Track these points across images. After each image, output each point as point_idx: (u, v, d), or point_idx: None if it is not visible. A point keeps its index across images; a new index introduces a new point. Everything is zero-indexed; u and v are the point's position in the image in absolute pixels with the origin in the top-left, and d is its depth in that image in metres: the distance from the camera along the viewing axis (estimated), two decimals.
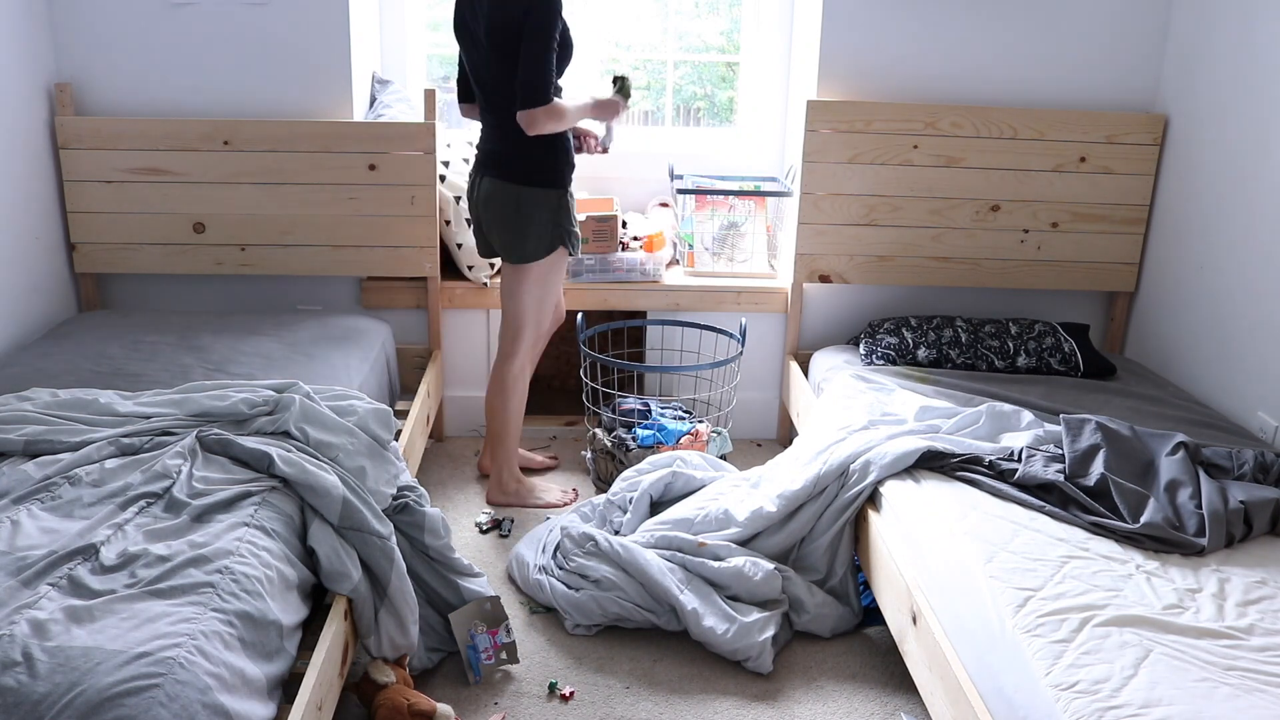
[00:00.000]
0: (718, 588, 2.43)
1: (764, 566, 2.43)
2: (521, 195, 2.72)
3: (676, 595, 2.37)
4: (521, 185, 2.71)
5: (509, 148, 2.71)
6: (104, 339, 2.79)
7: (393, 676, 2.04)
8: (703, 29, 3.82)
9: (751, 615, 2.36)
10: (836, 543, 2.49)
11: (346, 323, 3.09)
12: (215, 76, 3.14)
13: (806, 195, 3.28)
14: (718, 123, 3.91)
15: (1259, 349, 2.81)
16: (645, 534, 2.57)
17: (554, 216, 2.75)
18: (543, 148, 2.70)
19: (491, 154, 2.76)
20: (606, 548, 2.48)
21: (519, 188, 2.71)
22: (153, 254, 3.18)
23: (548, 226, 2.75)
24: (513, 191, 2.72)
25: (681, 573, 2.44)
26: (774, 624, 2.37)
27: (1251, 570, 2.00)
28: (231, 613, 1.62)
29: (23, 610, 1.53)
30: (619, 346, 3.69)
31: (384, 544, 2.03)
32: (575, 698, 2.22)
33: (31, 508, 1.85)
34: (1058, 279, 3.41)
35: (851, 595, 2.51)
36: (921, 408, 2.65)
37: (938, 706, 1.92)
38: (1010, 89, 3.31)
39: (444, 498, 3.08)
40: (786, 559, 2.55)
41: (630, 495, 2.74)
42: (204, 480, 1.98)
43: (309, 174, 3.14)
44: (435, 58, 3.77)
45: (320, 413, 2.24)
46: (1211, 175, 3.06)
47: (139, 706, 1.37)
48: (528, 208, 2.72)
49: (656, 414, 3.24)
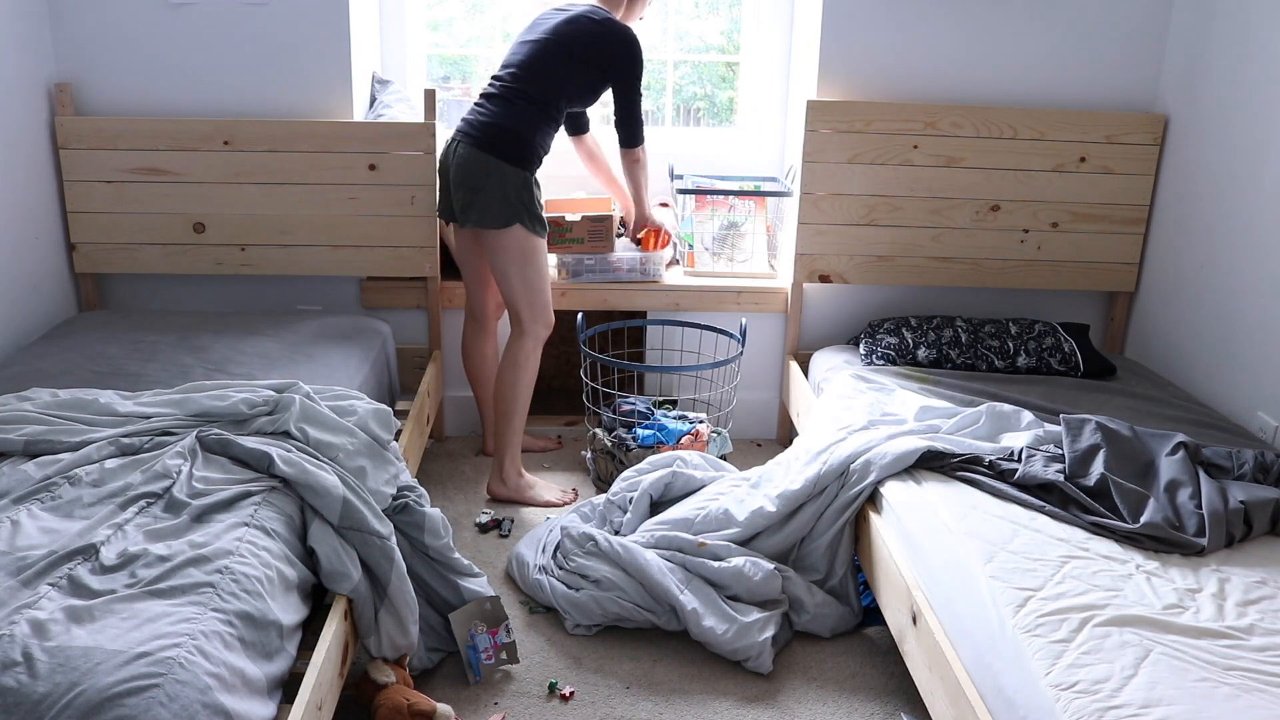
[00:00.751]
0: (718, 588, 2.43)
1: (764, 566, 2.43)
2: (490, 164, 2.84)
3: (676, 595, 2.37)
4: (494, 157, 2.84)
5: (499, 125, 2.86)
6: (104, 339, 2.79)
7: (393, 676, 2.04)
8: (703, 29, 3.82)
9: (751, 615, 2.36)
10: (836, 543, 2.49)
11: (346, 323, 3.09)
12: (215, 76, 3.14)
13: (806, 195, 3.28)
14: (718, 123, 3.91)
15: (1259, 349, 2.81)
16: (645, 534, 2.57)
17: (517, 193, 2.86)
18: (527, 133, 2.87)
19: (481, 125, 2.88)
20: (606, 548, 2.48)
21: (491, 158, 2.84)
22: (153, 254, 3.18)
23: (508, 199, 2.86)
24: (486, 160, 2.85)
25: (681, 573, 2.44)
26: (774, 624, 2.37)
27: (1251, 570, 2.00)
28: (231, 613, 1.62)
29: (23, 610, 1.53)
30: (619, 346, 3.69)
31: (384, 544, 2.03)
32: (575, 698, 2.22)
33: (31, 508, 1.85)
34: (1058, 279, 3.41)
35: (851, 595, 2.51)
36: (921, 408, 2.65)
37: (938, 706, 1.92)
38: (1010, 89, 3.31)
39: (444, 498, 3.08)
40: (786, 559, 2.55)
41: (630, 495, 2.74)
42: (204, 480, 1.98)
43: (309, 174, 3.14)
44: (435, 58, 3.77)
45: (320, 413, 2.24)
46: (1211, 175, 3.06)
47: (139, 706, 1.37)
48: (494, 177, 2.85)
49: (657, 415, 3.24)
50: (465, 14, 3.73)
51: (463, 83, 3.86)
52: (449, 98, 3.79)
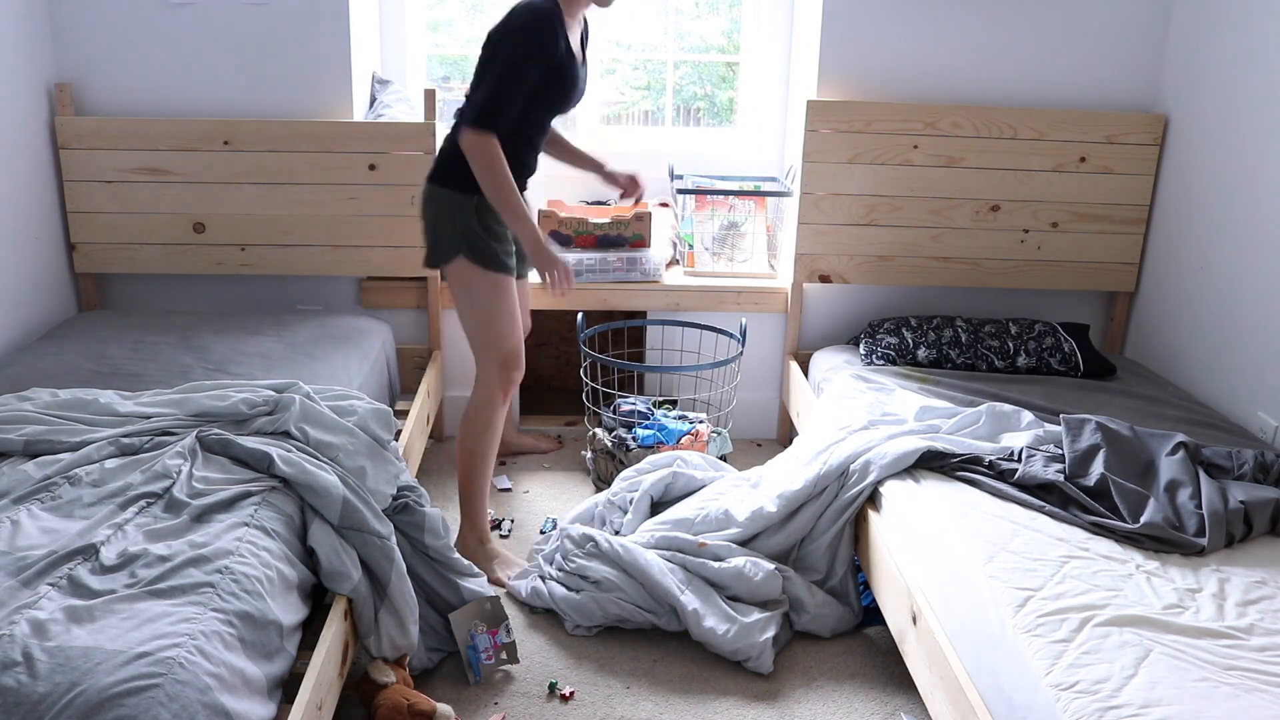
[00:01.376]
0: (718, 588, 2.43)
1: (764, 567, 2.43)
2: (430, 193, 2.55)
3: (677, 596, 2.37)
4: (435, 185, 2.54)
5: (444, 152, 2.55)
6: (104, 339, 2.79)
7: (393, 676, 2.04)
8: (703, 29, 3.82)
9: (752, 615, 2.36)
10: (837, 542, 2.49)
11: (346, 323, 3.09)
12: (215, 76, 3.14)
13: (806, 195, 3.28)
14: (718, 123, 3.91)
15: (1259, 349, 2.81)
16: (645, 534, 2.57)
17: (455, 222, 2.51)
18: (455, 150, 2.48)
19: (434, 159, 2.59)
20: (607, 548, 2.48)
21: (433, 186, 2.54)
22: (153, 254, 3.18)
23: (447, 230, 2.53)
24: (429, 190, 2.56)
25: (682, 573, 2.44)
26: (774, 624, 2.37)
27: (1251, 570, 2.00)
28: (231, 613, 1.62)
29: (23, 610, 1.53)
30: (619, 346, 3.69)
31: (384, 544, 2.03)
32: (575, 698, 2.22)
33: (31, 508, 1.85)
34: (1058, 279, 3.41)
35: (852, 595, 2.51)
36: (921, 408, 2.65)
37: (938, 706, 1.92)
38: (1010, 89, 3.31)
39: (444, 498, 3.08)
40: (787, 559, 2.55)
41: (631, 496, 2.74)
42: (204, 480, 1.98)
43: (309, 174, 3.14)
44: (435, 58, 3.77)
45: (320, 413, 2.24)
46: (1211, 175, 3.06)
47: (139, 706, 1.37)
48: (433, 207, 2.55)
49: (657, 415, 3.24)
50: (465, 14, 3.72)
51: (462, 83, 3.86)
52: (449, 98, 3.79)
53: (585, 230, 3.33)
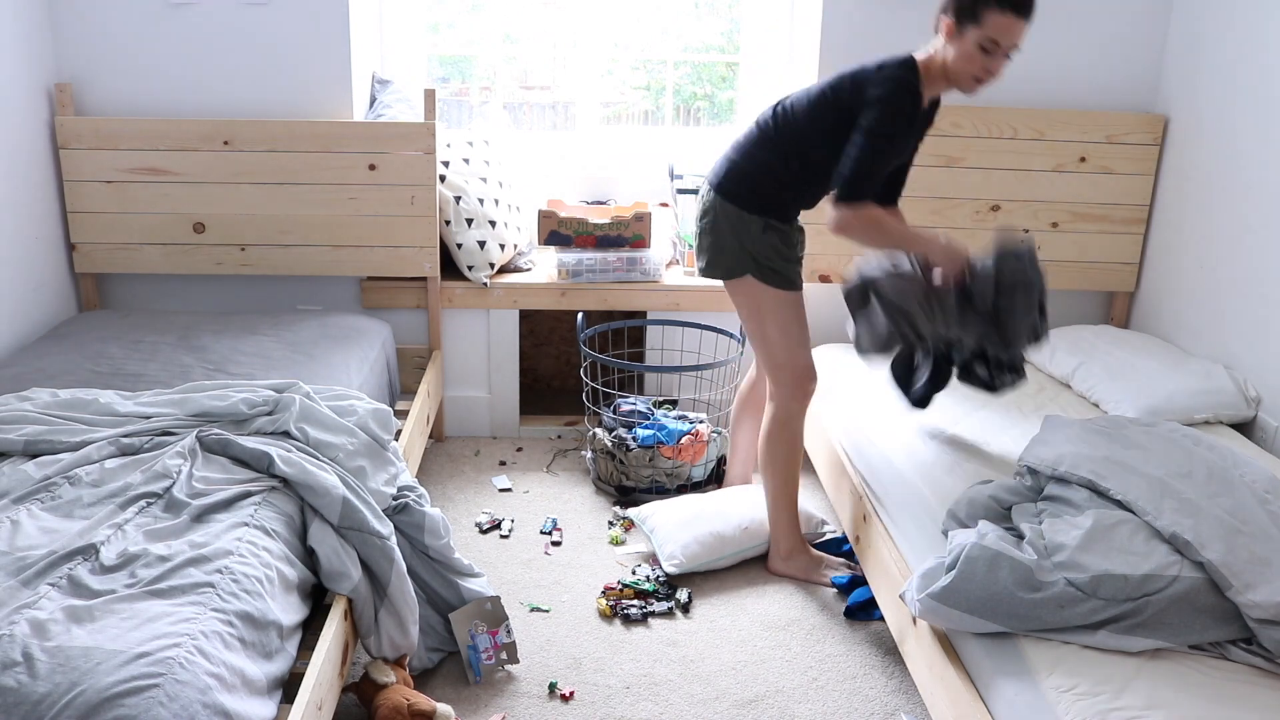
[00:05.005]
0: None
1: None
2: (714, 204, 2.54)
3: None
4: (722, 198, 2.53)
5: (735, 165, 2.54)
6: (104, 339, 2.79)
7: (393, 676, 2.04)
8: (703, 29, 3.82)
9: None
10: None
11: (346, 323, 3.09)
12: (215, 76, 3.14)
13: None
14: (718, 123, 3.91)
15: (1259, 349, 2.81)
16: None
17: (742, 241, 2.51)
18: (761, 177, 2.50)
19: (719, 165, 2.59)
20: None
21: (719, 198, 2.53)
22: (153, 254, 3.18)
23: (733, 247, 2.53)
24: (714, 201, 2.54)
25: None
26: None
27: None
28: (231, 613, 1.62)
29: (23, 610, 1.53)
30: (619, 346, 3.69)
31: (384, 544, 2.03)
32: (575, 698, 2.22)
33: (31, 508, 1.85)
34: (1058, 279, 3.41)
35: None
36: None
37: (938, 706, 1.92)
38: (1010, 89, 3.30)
39: (444, 498, 3.08)
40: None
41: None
42: (204, 480, 1.98)
43: (309, 174, 3.14)
44: (435, 58, 3.77)
45: (320, 413, 2.24)
46: (1211, 175, 3.06)
47: (139, 706, 1.37)
48: (717, 221, 2.54)
49: (657, 415, 3.24)
50: (465, 14, 3.72)
51: (463, 83, 3.86)
52: (449, 98, 3.79)
53: (585, 230, 3.33)
